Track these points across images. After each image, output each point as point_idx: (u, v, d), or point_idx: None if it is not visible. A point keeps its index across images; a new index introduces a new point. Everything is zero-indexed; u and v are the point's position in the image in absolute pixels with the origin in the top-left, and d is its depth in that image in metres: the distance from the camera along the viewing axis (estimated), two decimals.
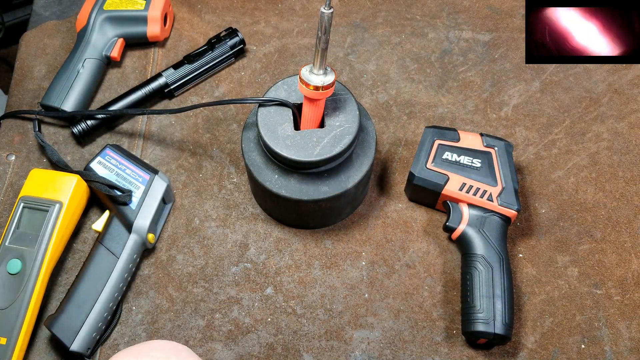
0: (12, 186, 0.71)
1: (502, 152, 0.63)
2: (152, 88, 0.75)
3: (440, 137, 0.64)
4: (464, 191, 0.62)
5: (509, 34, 0.81)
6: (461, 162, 0.63)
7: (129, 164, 0.67)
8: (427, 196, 0.66)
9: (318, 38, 0.52)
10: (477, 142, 0.64)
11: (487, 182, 0.62)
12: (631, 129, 0.73)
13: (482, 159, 0.63)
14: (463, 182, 0.62)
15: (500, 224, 0.62)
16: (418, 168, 0.64)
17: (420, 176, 0.63)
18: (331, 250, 0.67)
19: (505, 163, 0.63)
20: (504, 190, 0.62)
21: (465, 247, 0.62)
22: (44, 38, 0.82)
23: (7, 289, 0.61)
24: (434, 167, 0.63)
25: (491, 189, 0.62)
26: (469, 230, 0.62)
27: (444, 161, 0.63)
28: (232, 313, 0.64)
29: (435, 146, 0.64)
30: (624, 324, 0.63)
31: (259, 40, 0.81)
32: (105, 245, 0.64)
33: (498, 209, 0.61)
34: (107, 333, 0.63)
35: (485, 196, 0.62)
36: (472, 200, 0.62)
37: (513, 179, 0.62)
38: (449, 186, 0.63)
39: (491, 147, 0.63)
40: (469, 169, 0.63)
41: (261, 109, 0.60)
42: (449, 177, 0.63)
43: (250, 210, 0.70)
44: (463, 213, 0.62)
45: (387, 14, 0.83)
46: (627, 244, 0.67)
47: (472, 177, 0.62)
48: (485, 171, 0.62)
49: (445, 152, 0.64)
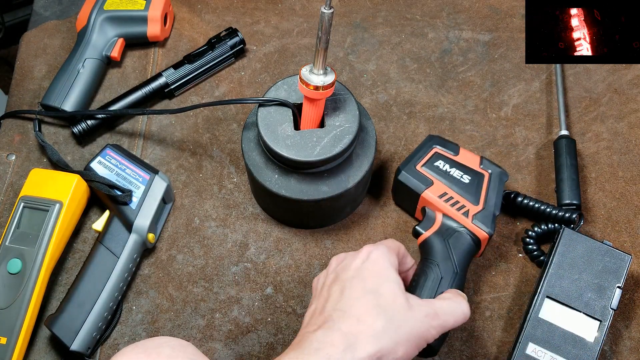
0: (12, 186, 0.71)
1: (495, 178, 0.62)
2: (152, 88, 0.75)
3: (441, 146, 0.64)
4: (442, 199, 0.61)
5: (509, 34, 0.81)
6: (451, 174, 0.62)
7: (129, 164, 0.67)
8: (408, 198, 0.65)
9: (318, 38, 0.52)
10: (475, 162, 0.63)
11: (469, 199, 0.61)
12: (631, 128, 0.73)
13: (473, 177, 0.62)
14: (445, 191, 0.61)
15: (467, 242, 0.59)
16: (407, 166, 0.63)
17: (407, 174, 0.63)
18: (331, 250, 0.67)
19: (495, 189, 0.61)
20: (483, 212, 0.60)
21: (425, 253, 0.60)
22: (44, 38, 0.82)
23: (7, 289, 0.61)
24: (422, 169, 0.63)
25: (471, 206, 0.60)
26: (435, 238, 0.60)
27: (434, 167, 0.63)
28: (232, 313, 0.64)
29: (431, 152, 0.64)
30: (623, 323, 0.63)
31: (259, 40, 0.81)
32: (105, 245, 0.64)
33: (470, 226, 0.59)
34: (107, 333, 0.63)
35: (462, 210, 0.60)
36: (448, 211, 0.60)
37: (496, 205, 0.61)
38: (430, 190, 0.62)
39: (486, 170, 0.62)
40: (456, 181, 0.61)
41: (261, 109, 0.60)
42: (434, 182, 0.62)
43: (250, 210, 0.70)
44: (436, 221, 0.61)
45: (387, 14, 0.83)
46: (627, 244, 0.67)
47: (455, 190, 0.61)
48: (472, 189, 0.61)
49: (439, 159, 0.63)
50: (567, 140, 0.69)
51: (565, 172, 0.67)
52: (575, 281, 0.60)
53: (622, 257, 0.60)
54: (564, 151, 0.68)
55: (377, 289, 0.48)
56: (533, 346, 0.58)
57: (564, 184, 0.66)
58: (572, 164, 0.67)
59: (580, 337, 0.58)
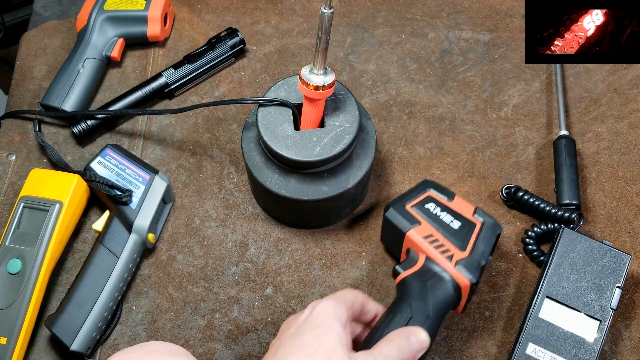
0: (12, 186, 0.71)
1: (488, 229, 0.58)
2: (152, 88, 0.75)
3: (436, 190, 0.60)
4: (427, 240, 0.57)
5: (509, 34, 0.81)
6: (440, 217, 0.58)
7: (129, 164, 0.67)
8: (394, 237, 0.61)
9: (318, 38, 0.52)
10: (468, 211, 0.59)
11: (456, 244, 0.56)
12: (631, 129, 0.73)
13: (464, 224, 0.58)
14: (432, 233, 0.57)
15: (447, 288, 0.55)
16: (396, 204, 0.60)
17: (395, 211, 0.59)
18: (331, 250, 0.67)
19: (485, 239, 0.57)
20: (468, 258, 0.55)
21: (400, 292, 0.56)
22: (44, 38, 0.82)
23: (7, 289, 0.61)
24: (412, 209, 0.59)
25: (456, 251, 0.56)
26: (413, 278, 0.56)
27: (425, 209, 0.59)
28: (232, 313, 0.64)
29: (425, 195, 0.60)
30: (623, 323, 0.63)
31: (259, 40, 0.81)
32: (105, 245, 0.64)
33: (452, 271, 0.55)
34: (107, 333, 0.63)
35: (446, 254, 0.56)
36: (432, 253, 0.56)
37: (484, 255, 0.56)
38: (416, 230, 0.58)
39: (479, 220, 0.58)
40: (445, 225, 0.58)
41: (261, 109, 0.60)
42: (421, 223, 0.58)
43: (250, 210, 0.70)
44: (418, 262, 0.57)
45: (387, 14, 0.83)
46: (627, 244, 0.67)
47: (443, 233, 0.57)
48: (460, 235, 0.57)
49: (431, 202, 0.59)
50: (566, 141, 0.69)
51: (565, 172, 0.67)
52: (575, 281, 0.60)
53: (622, 257, 0.60)
54: (564, 151, 0.68)
55: (312, 344, 0.46)
56: (533, 346, 0.58)
57: (564, 184, 0.66)
58: (572, 164, 0.67)
59: (580, 337, 0.58)
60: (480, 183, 0.71)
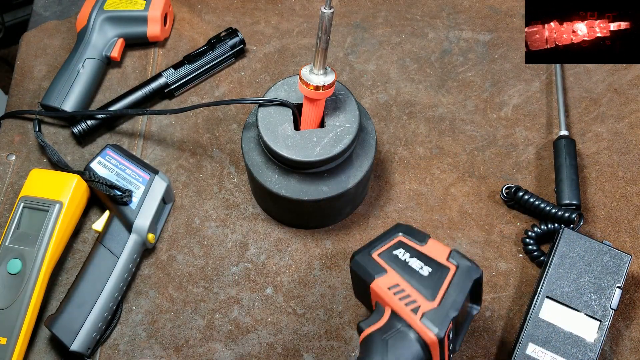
0: (12, 186, 0.71)
1: (462, 274, 0.51)
2: (152, 88, 0.75)
3: (407, 234, 0.54)
4: (392, 292, 0.51)
5: (509, 34, 0.81)
6: (409, 264, 0.52)
7: (129, 164, 0.67)
8: (362, 290, 0.56)
9: (318, 38, 0.52)
10: (443, 254, 0.52)
11: (423, 294, 0.50)
12: (631, 129, 0.73)
13: (435, 270, 0.51)
14: (398, 282, 0.51)
15: (411, 346, 0.49)
16: (361, 253, 0.54)
17: (359, 261, 0.54)
18: (331, 250, 0.67)
19: (458, 286, 0.50)
20: (436, 310, 0.49)
21: (361, 352, 0.52)
22: (44, 38, 0.82)
23: (7, 289, 0.61)
24: (378, 257, 0.53)
25: (423, 302, 0.50)
26: (375, 335, 0.51)
27: (392, 256, 0.53)
28: (232, 313, 0.64)
29: (394, 240, 0.54)
30: (623, 323, 0.63)
31: (259, 40, 0.81)
32: (105, 245, 0.64)
33: (417, 325, 0.49)
34: (107, 333, 0.63)
35: (411, 306, 0.50)
36: (396, 306, 0.51)
37: (455, 305, 0.49)
38: (380, 281, 0.52)
39: (453, 264, 0.52)
40: (413, 273, 0.52)
41: (261, 109, 0.60)
42: (387, 272, 0.52)
43: (250, 210, 0.70)
44: (383, 316, 0.52)
45: (387, 14, 0.83)
46: (627, 244, 0.67)
47: (410, 282, 0.51)
48: (429, 283, 0.51)
49: (399, 248, 0.53)
50: (566, 141, 0.69)
51: (565, 172, 0.67)
52: (575, 281, 0.60)
53: (622, 257, 0.60)
54: (564, 151, 0.68)
55: None
56: (533, 346, 0.58)
57: (564, 184, 0.66)
58: (572, 164, 0.67)
59: (580, 337, 0.58)
60: (480, 183, 0.71)
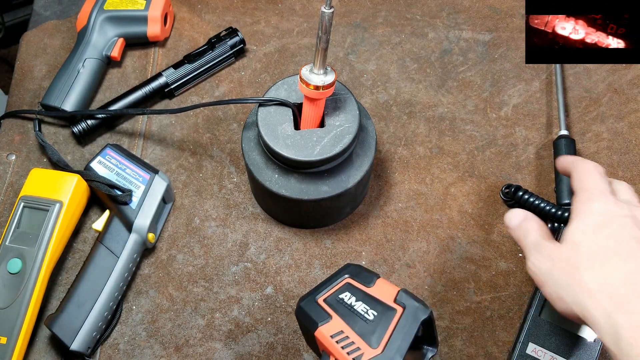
0: (12, 186, 0.71)
1: (409, 316, 0.49)
2: (152, 88, 0.75)
3: (355, 276, 0.52)
4: (335, 340, 0.49)
5: (509, 34, 0.81)
6: (354, 308, 0.50)
7: (129, 164, 0.67)
8: (309, 339, 0.54)
9: (318, 37, 0.52)
10: (390, 295, 0.50)
11: (367, 341, 0.48)
12: (631, 128, 0.73)
13: (381, 313, 0.49)
14: (342, 329, 0.49)
15: None
16: (307, 298, 0.52)
17: (304, 308, 0.51)
18: (331, 250, 0.67)
19: (403, 330, 0.48)
20: (379, 358, 0.47)
21: None
22: (44, 38, 0.82)
23: (7, 289, 0.61)
24: (323, 303, 0.51)
25: (367, 349, 0.47)
26: None
27: (338, 301, 0.51)
28: (232, 312, 0.64)
29: (342, 283, 0.52)
30: None
31: (259, 40, 0.81)
32: (105, 245, 0.64)
33: None
34: (107, 332, 0.63)
35: (354, 355, 0.48)
36: (339, 355, 0.48)
37: (400, 351, 0.47)
38: (324, 328, 0.49)
39: (401, 305, 0.49)
40: (357, 318, 0.49)
41: (261, 109, 0.60)
42: (332, 319, 0.50)
43: (250, 209, 0.70)
44: None
45: (387, 14, 0.83)
46: None
47: (354, 328, 0.49)
48: (374, 327, 0.48)
49: (346, 292, 0.51)
50: (566, 140, 0.69)
51: None
52: None
53: None
54: (564, 151, 0.68)
55: None
56: (533, 346, 0.58)
57: (563, 183, 0.66)
58: None
59: (580, 337, 0.58)
60: (480, 183, 0.71)
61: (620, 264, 0.44)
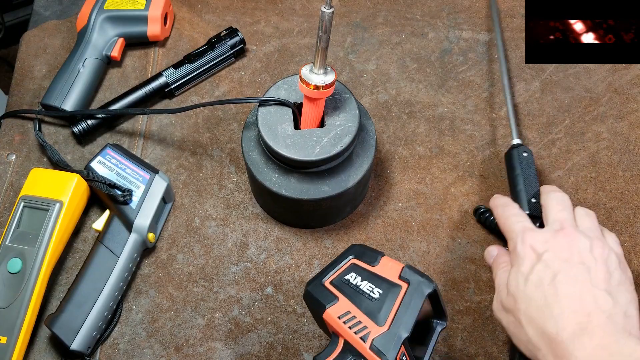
0: (12, 185, 0.71)
1: (414, 292, 0.49)
2: (153, 88, 0.75)
3: (360, 256, 0.53)
4: (342, 320, 0.49)
5: (509, 34, 0.81)
6: (360, 288, 0.51)
7: (130, 164, 0.67)
8: (317, 318, 0.54)
9: (319, 37, 0.52)
10: (394, 272, 0.51)
11: (374, 319, 0.49)
12: (631, 128, 0.73)
13: (386, 291, 0.50)
14: (348, 309, 0.50)
15: None
16: (314, 282, 0.53)
17: (311, 291, 0.52)
18: (331, 250, 0.67)
19: (409, 305, 0.48)
20: (386, 334, 0.47)
21: None
22: (45, 38, 0.82)
23: (7, 288, 0.61)
24: (329, 285, 0.52)
25: (373, 327, 0.48)
26: None
27: (344, 282, 0.52)
28: (232, 312, 0.64)
29: (347, 264, 0.53)
30: None
31: (259, 40, 0.81)
32: (105, 245, 0.64)
33: (366, 353, 0.48)
34: (107, 332, 0.63)
35: (361, 334, 0.48)
36: (347, 335, 0.49)
37: (406, 326, 0.47)
38: (332, 310, 0.50)
39: (406, 281, 0.50)
40: (363, 297, 0.50)
41: (261, 109, 0.60)
42: (339, 300, 0.51)
43: (250, 209, 0.70)
44: (337, 347, 0.50)
45: (387, 14, 0.83)
46: (627, 243, 0.67)
47: (360, 307, 0.50)
48: (380, 305, 0.49)
49: (351, 272, 0.52)
50: (516, 151, 0.66)
51: (518, 183, 0.64)
52: None
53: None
54: (517, 162, 0.66)
55: None
56: None
57: (521, 194, 0.63)
58: (518, 174, 0.65)
59: None
60: (480, 183, 0.71)
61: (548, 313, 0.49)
